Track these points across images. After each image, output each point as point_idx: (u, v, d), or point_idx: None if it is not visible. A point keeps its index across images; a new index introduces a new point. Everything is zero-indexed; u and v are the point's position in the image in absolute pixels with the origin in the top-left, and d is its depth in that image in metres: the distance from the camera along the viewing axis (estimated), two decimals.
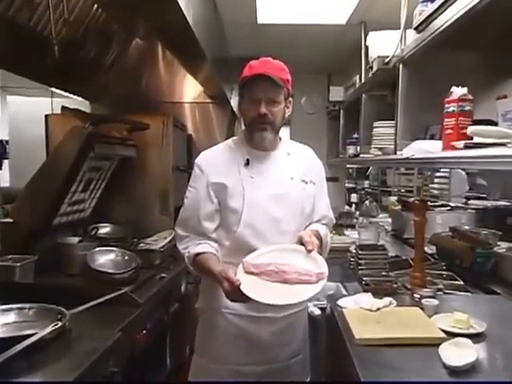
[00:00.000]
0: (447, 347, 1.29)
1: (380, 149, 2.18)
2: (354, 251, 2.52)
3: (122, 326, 1.57)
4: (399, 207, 3.75)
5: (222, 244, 1.49)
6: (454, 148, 1.37)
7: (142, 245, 2.57)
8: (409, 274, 2.14)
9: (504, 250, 2.13)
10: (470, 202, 3.99)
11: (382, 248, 2.35)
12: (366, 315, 1.57)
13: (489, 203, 3.85)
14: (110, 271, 2.00)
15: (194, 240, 1.47)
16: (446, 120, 1.47)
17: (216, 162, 1.51)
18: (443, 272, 2.20)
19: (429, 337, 1.37)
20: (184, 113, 3.73)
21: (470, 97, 1.43)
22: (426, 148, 1.56)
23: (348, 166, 6.36)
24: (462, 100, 1.43)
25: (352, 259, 2.41)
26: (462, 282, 2.07)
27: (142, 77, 3.35)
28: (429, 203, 3.79)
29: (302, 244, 1.39)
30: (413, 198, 3.59)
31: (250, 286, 1.25)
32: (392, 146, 1.99)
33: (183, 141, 3.28)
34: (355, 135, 3.37)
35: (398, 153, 1.87)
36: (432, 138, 1.74)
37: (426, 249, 2.76)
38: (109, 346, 1.38)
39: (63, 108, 2.17)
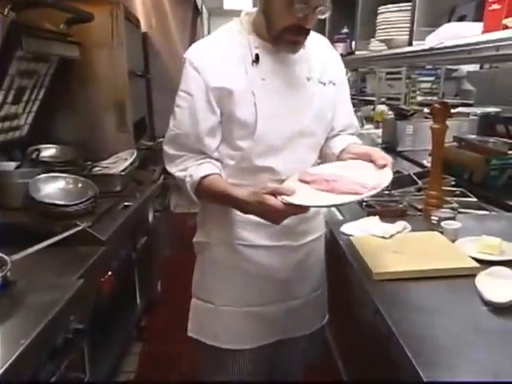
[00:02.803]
0: (484, 279, 1.16)
1: (386, 41, 1.90)
2: None
3: (82, 270, 1.37)
4: (391, 116, 3.56)
5: (224, 163, 1.27)
6: (505, 27, 1.13)
7: (97, 169, 2.31)
8: (415, 193, 2.02)
9: None
10: (458, 109, 3.85)
11: None
12: (380, 244, 1.42)
13: (478, 110, 3.73)
14: (61, 203, 1.75)
15: (191, 159, 1.24)
16: None
17: (215, 58, 1.21)
18: (454, 188, 2.07)
19: (460, 267, 1.24)
20: (133, 5, 3.25)
21: None
22: (460, 32, 1.31)
23: None
24: None
25: None
26: (475, 199, 1.96)
27: None
28: (425, 110, 3.67)
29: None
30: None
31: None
32: (404, 37, 1.72)
33: (138, 40, 2.88)
34: (345, 30, 3.05)
35: (415, 43, 1.61)
36: (461, 20, 1.49)
37: (424, 162, 2.66)
38: (68, 298, 1.18)
39: None
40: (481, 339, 0.96)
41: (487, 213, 1.83)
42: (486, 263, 1.26)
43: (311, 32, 1.31)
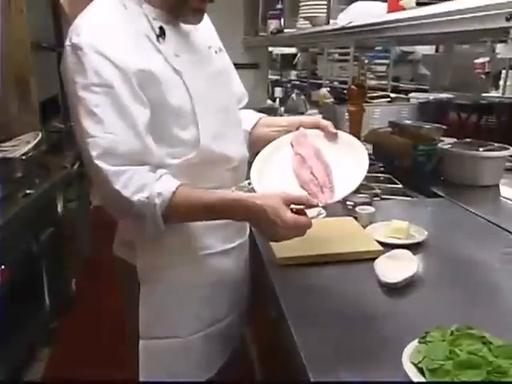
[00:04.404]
0: (383, 261, 1.28)
1: (309, 19, 2.01)
2: None
3: None
4: (331, 100, 3.71)
5: (162, 167, 1.14)
6: (402, 8, 1.26)
7: None
8: None
9: (449, 145, 2.16)
10: (411, 95, 4.02)
11: None
12: None
13: (431, 96, 3.92)
14: None
15: (140, 174, 1.06)
16: None
17: (118, 36, 1.08)
18: (380, 174, 2.22)
19: (363, 251, 1.36)
20: None
21: None
22: (367, 11, 1.43)
23: (271, 48, 6.17)
24: None
25: None
26: (400, 186, 2.11)
27: None
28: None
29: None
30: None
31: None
32: (324, 15, 1.83)
33: (45, 6, 2.84)
34: (279, 5, 3.15)
35: (332, 22, 1.72)
36: None
37: None
38: None
39: None
40: (369, 322, 1.07)
41: (409, 199, 1.99)
42: (393, 247, 1.39)
43: None
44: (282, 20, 2.61)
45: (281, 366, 1.41)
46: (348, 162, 1.17)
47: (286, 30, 2.52)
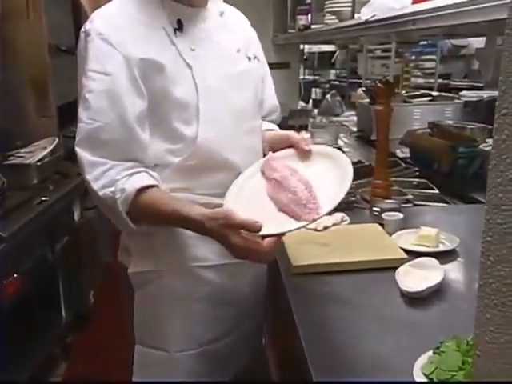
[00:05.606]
0: (407, 270, 1.29)
1: (335, 13, 2.05)
2: None
3: None
4: (367, 100, 3.71)
5: (161, 164, 1.20)
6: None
7: (11, 158, 2.41)
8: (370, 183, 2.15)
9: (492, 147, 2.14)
10: (462, 93, 3.93)
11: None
12: (310, 237, 1.54)
13: (485, 94, 3.82)
14: None
15: (117, 169, 1.11)
16: None
17: (128, 25, 1.16)
18: (415, 179, 2.22)
19: (383, 259, 1.37)
20: None
21: None
22: (390, 3, 1.45)
23: (307, 46, 6.18)
24: None
25: None
26: (436, 191, 2.10)
27: None
28: (403, 92, 3.82)
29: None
30: None
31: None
32: (349, 9, 1.86)
33: (65, 8, 2.97)
34: (308, 1, 3.20)
35: (356, 16, 1.75)
36: None
37: (398, 152, 2.81)
38: None
39: None
40: (382, 330, 1.09)
41: (444, 205, 1.97)
42: (419, 255, 1.39)
43: (232, 8, 1.42)
44: (310, 16, 2.65)
45: (294, 376, 1.44)
46: (329, 173, 1.17)
47: (313, 26, 2.55)
